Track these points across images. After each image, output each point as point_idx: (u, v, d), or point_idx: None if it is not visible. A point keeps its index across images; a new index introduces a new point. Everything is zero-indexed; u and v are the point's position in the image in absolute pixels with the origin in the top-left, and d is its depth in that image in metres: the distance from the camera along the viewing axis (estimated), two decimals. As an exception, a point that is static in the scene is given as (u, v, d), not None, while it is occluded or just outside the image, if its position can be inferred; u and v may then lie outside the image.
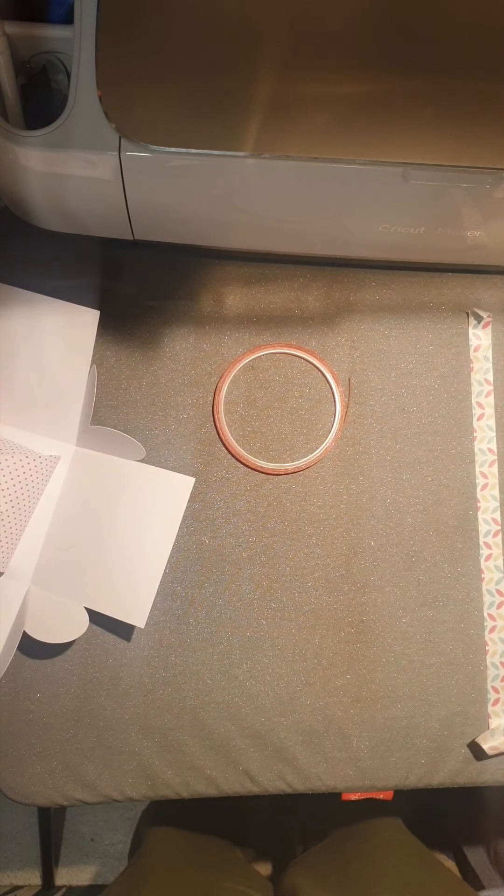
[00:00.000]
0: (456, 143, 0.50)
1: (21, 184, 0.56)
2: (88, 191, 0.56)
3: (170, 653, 0.60)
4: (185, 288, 0.66)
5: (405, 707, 0.60)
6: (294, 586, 0.62)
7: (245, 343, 0.66)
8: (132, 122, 0.50)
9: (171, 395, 0.64)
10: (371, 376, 0.66)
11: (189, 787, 0.59)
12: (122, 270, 0.66)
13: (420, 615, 0.62)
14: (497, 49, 0.50)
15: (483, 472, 0.64)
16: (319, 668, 0.61)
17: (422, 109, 0.50)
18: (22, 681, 0.59)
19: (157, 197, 0.56)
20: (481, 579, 0.63)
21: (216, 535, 0.62)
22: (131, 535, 0.58)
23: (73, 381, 0.61)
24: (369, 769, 0.60)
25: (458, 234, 0.60)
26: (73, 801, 0.59)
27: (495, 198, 0.54)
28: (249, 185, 0.55)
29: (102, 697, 0.59)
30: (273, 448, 0.64)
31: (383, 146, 0.50)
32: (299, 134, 0.50)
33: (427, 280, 0.68)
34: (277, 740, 0.59)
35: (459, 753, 0.60)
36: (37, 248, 0.65)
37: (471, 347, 0.67)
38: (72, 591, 0.58)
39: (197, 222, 0.60)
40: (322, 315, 0.67)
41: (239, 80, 0.49)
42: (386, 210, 0.57)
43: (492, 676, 0.61)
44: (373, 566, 0.62)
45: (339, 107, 0.50)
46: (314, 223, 0.60)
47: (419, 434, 0.65)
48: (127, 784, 0.59)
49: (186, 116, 0.50)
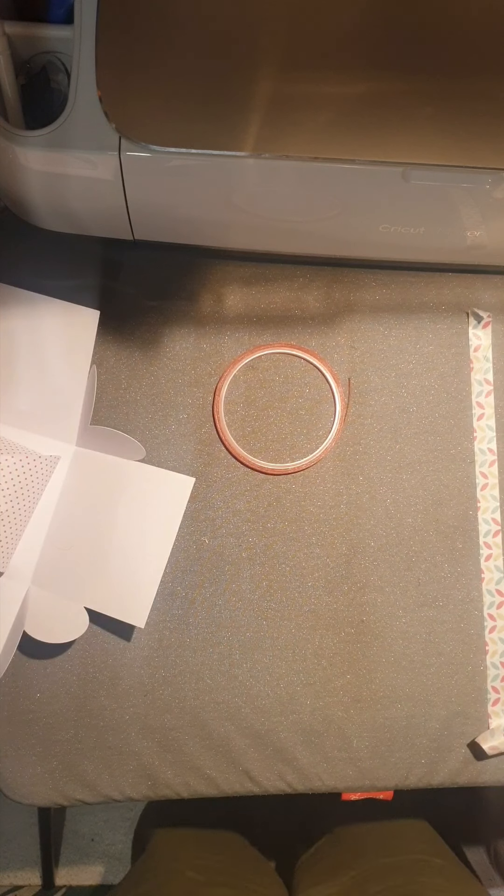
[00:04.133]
0: (456, 143, 0.50)
1: (21, 184, 0.56)
2: (88, 191, 0.56)
3: (170, 653, 0.60)
4: (185, 288, 0.66)
5: (405, 707, 0.60)
6: (294, 586, 0.62)
7: (245, 343, 0.66)
8: (132, 122, 0.50)
9: (171, 395, 0.64)
10: (371, 376, 0.66)
11: (189, 787, 0.59)
12: (122, 270, 0.66)
13: (420, 615, 0.62)
14: (497, 49, 0.50)
15: (483, 472, 0.64)
16: (319, 668, 0.61)
17: (422, 109, 0.50)
18: (22, 681, 0.59)
19: (157, 197, 0.56)
20: (481, 579, 0.63)
21: (216, 535, 0.62)
22: (131, 535, 0.58)
23: (73, 381, 0.61)
24: (369, 769, 0.60)
25: (458, 234, 0.60)
26: (73, 801, 0.59)
27: (495, 198, 0.54)
28: (249, 185, 0.55)
29: (102, 697, 0.59)
30: (273, 448, 0.64)
31: (383, 146, 0.50)
32: (299, 134, 0.50)
33: (427, 280, 0.68)
34: (277, 740, 0.59)
35: (459, 753, 0.60)
36: (37, 248, 0.65)
37: (471, 347, 0.67)
38: (72, 591, 0.58)
39: (197, 222, 0.60)
40: (322, 315, 0.67)
41: (239, 79, 0.49)
42: (386, 210, 0.57)
43: (492, 676, 0.61)
44: (373, 566, 0.62)
45: (339, 107, 0.50)
46: (314, 223, 0.60)
47: (419, 434, 0.65)
48: (127, 784, 0.59)
49: (186, 116, 0.50)
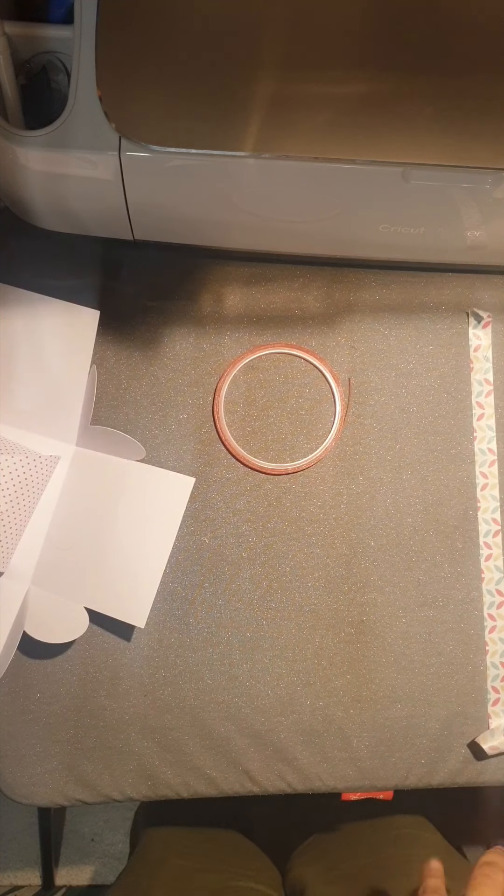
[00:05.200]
0: (456, 143, 0.50)
1: (21, 184, 0.56)
2: (88, 191, 0.56)
3: (170, 653, 0.60)
4: (185, 288, 0.66)
5: (405, 707, 0.60)
6: (294, 586, 0.62)
7: (245, 343, 0.66)
8: (132, 122, 0.50)
9: (171, 395, 0.64)
10: (371, 376, 0.66)
11: (189, 787, 0.59)
12: (122, 270, 0.66)
13: (420, 615, 0.62)
14: (497, 48, 0.50)
15: (483, 472, 0.64)
16: (319, 668, 0.61)
17: (422, 109, 0.50)
18: (22, 681, 0.59)
19: (157, 197, 0.56)
20: (481, 579, 0.63)
21: (216, 535, 0.62)
22: (131, 535, 0.58)
23: (73, 381, 0.61)
24: (369, 769, 0.60)
25: (458, 234, 0.60)
26: (73, 801, 0.59)
27: (495, 198, 0.54)
28: (249, 185, 0.55)
29: (102, 697, 0.59)
30: (273, 448, 0.64)
31: (383, 146, 0.50)
32: (299, 134, 0.50)
33: (427, 280, 0.68)
34: (277, 740, 0.59)
35: (459, 753, 0.60)
36: (37, 248, 0.65)
37: (471, 347, 0.67)
38: (72, 591, 0.58)
39: (197, 222, 0.60)
40: (322, 315, 0.67)
41: (239, 79, 0.49)
42: (386, 210, 0.57)
43: (492, 676, 0.61)
44: (373, 566, 0.62)
45: (339, 107, 0.50)
46: (314, 223, 0.60)
47: (419, 434, 0.65)
48: (127, 784, 0.59)
49: (186, 116, 0.50)
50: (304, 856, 0.70)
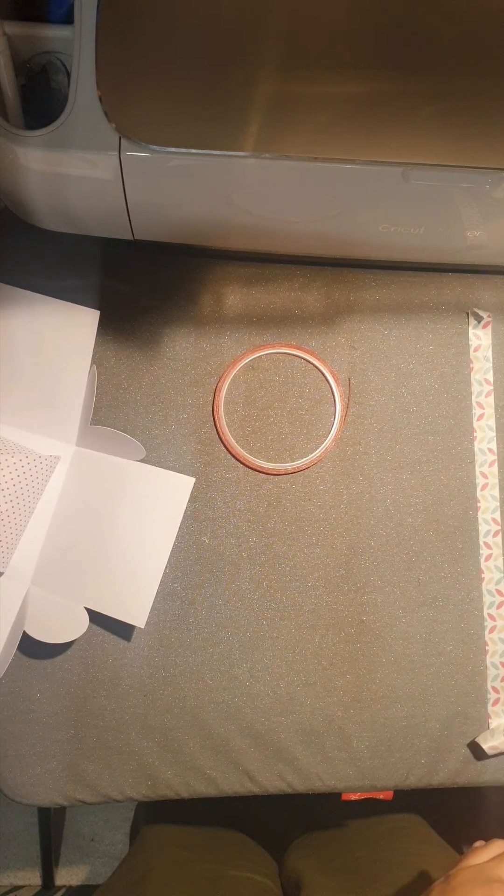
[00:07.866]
0: (456, 143, 0.50)
1: (21, 184, 0.56)
2: (88, 191, 0.56)
3: (170, 653, 0.60)
4: (185, 288, 0.66)
5: (405, 707, 0.60)
6: (294, 586, 0.62)
7: (245, 343, 0.66)
8: (132, 122, 0.50)
9: (171, 395, 0.64)
10: (371, 376, 0.66)
11: (189, 787, 0.59)
12: (122, 270, 0.66)
13: (420, 615, 0.62)
14: (497, 48, 0.50)
15: (483, 472, 0.64)
16: (319, 668, 0.61)
17: (422, 109, 0.50)
18: (22, 681, 0.59)
19: (157, 197, 0.56)
20: (481, 579, 0.63)
21: (216, 535, 0.62)
22: (131, 535, 0.58)
23: (73, 381, 0.61)
24: (369, 769, 0.60)
25: (458, 234, 0.60)
26: (73, 801, 0.59)
27: (495, 198, 0.54)
28: (249, 185, 0.55)
29: (102, 697, 0.59)
30: (273, 448, 0.64)
31: (383, 146, 0.50)
32: (299, 134, 0.50)
33: (427, 280, 0.68)
34: (277, 740, 0.59)
35: (459, 753, 0.60)
36: (37, 248, 0.65)
37: (471, 347, 0.67)
38: (72, 591, 0.58)
39: (197, 222, 0.60)
40: (322, 315, 0.67)
41: (239, 80, 0.49)
42: (386, 210, 0.57)
43: (492, 676, 0.61)
44: (373, 566, 0.62)
45: (339, 107, 0.50)
46: (314, 223, 0.60)
47: (419, 434, 0.65)
48: (127, 784, 0.59)
49: (186, 116, 0.50)
50: (301, 849, 0.70)
